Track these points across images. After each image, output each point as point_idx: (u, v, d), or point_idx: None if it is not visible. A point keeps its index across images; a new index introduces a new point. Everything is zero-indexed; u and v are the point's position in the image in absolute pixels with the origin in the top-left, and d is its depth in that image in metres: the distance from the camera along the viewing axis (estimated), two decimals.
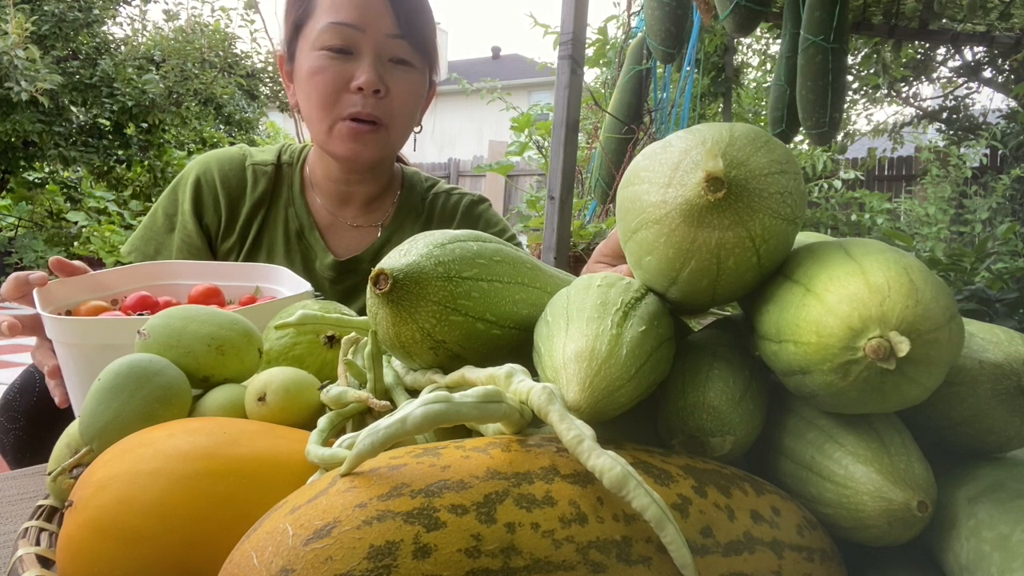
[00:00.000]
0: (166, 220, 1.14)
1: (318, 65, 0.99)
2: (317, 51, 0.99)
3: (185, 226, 1.12)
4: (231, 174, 1.13)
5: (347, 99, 1.00)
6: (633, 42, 2.83)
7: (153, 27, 7.89)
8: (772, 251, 0.42)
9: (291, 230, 1.13)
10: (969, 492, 0.40)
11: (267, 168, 1.15)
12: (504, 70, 18.60)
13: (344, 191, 1.14)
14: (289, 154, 1.18)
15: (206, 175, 1.13)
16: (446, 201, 1.23)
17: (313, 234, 1.13)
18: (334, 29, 0.98)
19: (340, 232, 1.15)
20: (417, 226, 1.19)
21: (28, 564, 0.41)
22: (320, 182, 1.15)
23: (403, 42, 1.00)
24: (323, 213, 1.15)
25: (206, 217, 1.12)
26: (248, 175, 1.14)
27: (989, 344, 0.42)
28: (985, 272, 2.36)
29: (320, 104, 1.01)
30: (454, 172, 10.47)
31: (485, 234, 0.51)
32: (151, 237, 1.14)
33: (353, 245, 1.15)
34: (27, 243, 7.10)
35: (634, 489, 0.32)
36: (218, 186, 1.12)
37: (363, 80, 0.98)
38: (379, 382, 0.50)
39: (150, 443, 0.41)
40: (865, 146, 7.15)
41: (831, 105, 2.01)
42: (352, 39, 0.98)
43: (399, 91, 1.02)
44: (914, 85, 5.67)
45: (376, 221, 1.17)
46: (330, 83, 0.99)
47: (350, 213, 1.16)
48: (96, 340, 0.67)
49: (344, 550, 0.29)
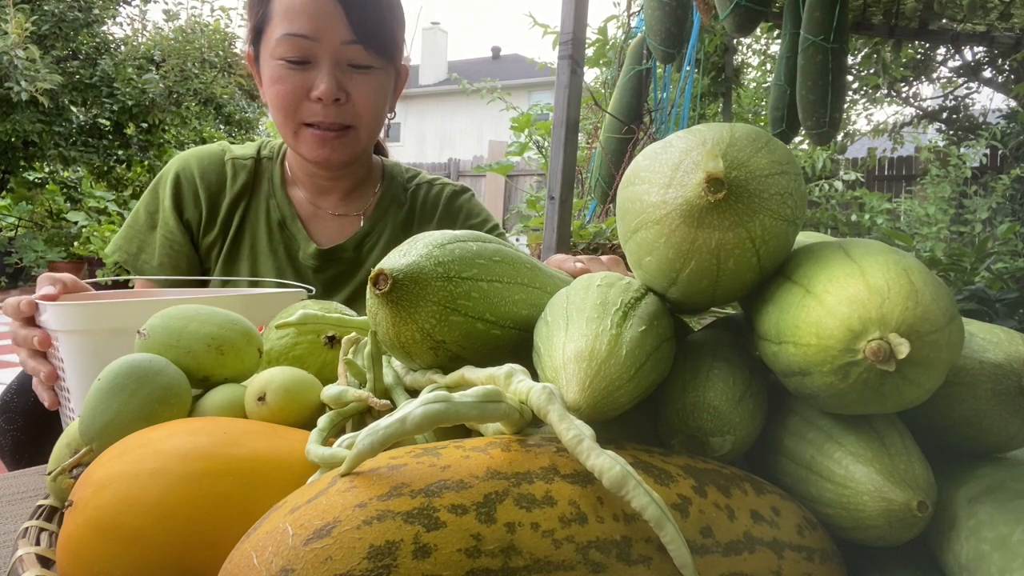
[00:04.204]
0: (148, 218, 1.14)
1: (277, 75, 1.00)
2: (275, 60, 0.99)
3: (167, 223, 1.13)
4: (210, 169, 1.14)
5: (308, 107, 1.00)
6: (633, 42, 2.83)
7: (153, 27, 7.88)
8: (772, 252, 0.42)
9: (273, 221, 1.14)
10: (969, 492, 0.40)
11: (246, 162, 1.16)
12: (504, 70, 18.60)
13: (323, 184, 1.16)
14: (269, 149, 1.19)
15: (185, 171, 1.14)
16: (428, 191, 1.23)
17: (295, 224, 1.14)
18: (289, 41, 0.97)
19: (322, 221, 1.16)
20: (400, 216, 1.20)
21: (28, 564, 0.41)
22: (299, 176, 1.16)
23: (359, 47, 0.99)
24: (304, 204, 1.16)
25: (187, 213, 1.13)
26: (227, 169, 1.15)
27: (989, 344, 0.42)
28: (985, 272, 2.36)
29: (282, 113, 1.01)
30: (454, 172, 10.47)
31: (485, 234, 0.51)
32: (133, 236, 1.14)
33: (336, 234, 1.16)
34: (27, 243, 7.10)
35: (633, 489, 0.32)
36: (197, 181, 1.13)
37: (321, 91, 0.98)
38: (379, 382, 0.50)
39: (150, 443, 0.41)
40: (865, 146, 7.15)
41: (831, 105, 2.01)
42: (307, 49, 0.98)
43: (361, 95, 1.02)
44: (914, 85, 5.67)
45: (358, 210, 1.18)
46: (289, 93, 0.99)
47: (331, 203, 1.17)
48: (107, 325, 0.68)
49: (344, 550, 0.29)
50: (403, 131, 20.47)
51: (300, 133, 1.03)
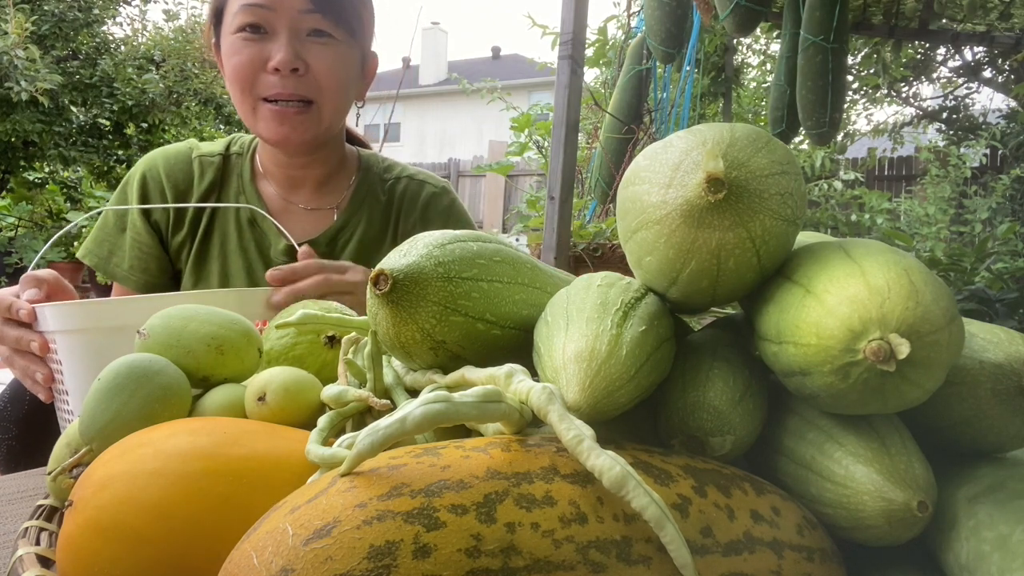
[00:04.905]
0: (117, 220, 1.13)
1: (235, 48, 0.98)
2: (233, 35, 0.98)
3: (135, 225, 1.11)
4: (177, 167, 1.12)
5: (265, 80, 0.98)
6: (633, 42, 2.83)
7: (153, 27, 7.87)
8: (772, 252, 0.42)
9: (243, 218, 1.12)
10: (969, 492, 0.40)
11: (214, 159, 1.14)
12: (504, 70, 18.60)
13: (294, 175, 1.13)
14: (239, 145, 1.17)
15: (151, 171, 1.12)
16: (407, 186, 1.20)
17: (266, 221, 1.11)
18: (245, 11, 0.96)
19: (294, 217, 1.13)
20: (377, 210, 1.16)
21: (28, 564, 0.41)
22: (269, 169, 1.14)
23: (317, 15, 0.98)
24: (275, 200, 1.13)
25: (154, 214, 1.11)
26: (195, 167, 1.13)
27: (989, 344, 0.42)
28: (985, 272, 2.36)
29: (239, 86, 0.99)
30: (454, 172, 10.47)
31: (485, 234, 0.51)
32: (103, 239, 1.13)
33: (309, 229, 1.13)
34: (27, 243, 7.10)
35: (634, 489, 0.32)
36: (163, 180, 1.11)
37: (278, 60, 0.96)
38: (379, 382, 0.50)
39: (150, 443, 0.41)
40: (865, 146, 7.15)
41: (831, 105, 2.01)
42: (264, 17, 0.97)
43: (321, 66, 0.99)
44: (914, 85, 5.67)
45: (331, 204, 1.15)
46: (247, 65, 0.98)
47: (302, 197, 1.14)
48: (107, 324, 0.69)
49: (344, 550, 0.29)
50: (403, 131, 20.47)
51: (258, 109, 1.00)
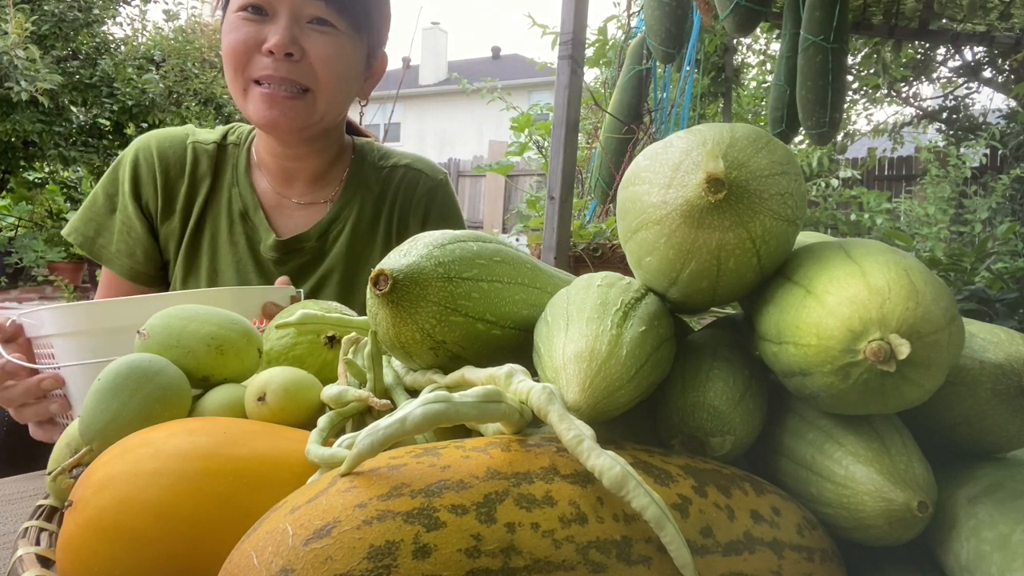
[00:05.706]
0: (107, 200, 1.10)
1: (233, 26, 0.96)
2: (234, 13, 0.97)
3: (125, 207, 1.08)
4: (170, 151, 1.09)
5: (258, 61, 0.96)
6: (633, 42, 2.83)
7: (153, 27, 7.87)
8: (772, 252, 0.42)
9: (235, 211, 1.09)
10: (969, 492, 0.40)
11: (208, 147, 1.11)
12: (504, 70, 18.60)
13: (289, 167, 1.10)
14: (236, 135, 1.14)
15: (144, 152, 1.09)
16: (404, 176, 1.16)
17: (258, 215, 1.08)
18: None
19: (286, 212, 1.10)
20: (369, 200, 1.13)
21: (28, 564, 0.41)
22: (265, 159, 1.11)
23: (320, 3, 0.95)
24: (269, 194, 1.10)
25: (144, 196, 1.09)
26: (188, 153, 1.10)
27: (990, 344, 0.42)
28: (985, 272, 2.36)
29: (232, 64, 0.97)
30: (454, 172, 10.47)
31: (485, 234, 0.51)
32: (91, 218, 1.10)
33: (300, 224, 1.10)
34: (27, 243, 7.09)
35: (634, 489, 0.32)
36: (156, 163, 1.08)
37: (273, 42, 0.94)
38: (379, 382, 0.50)
39: (150, 443, 0.41)
40: (865, 146, 7.15)
41: (831, 105, 2.01)
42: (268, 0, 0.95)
43: (319, 54, 0.96)
44: (914, 85, 5.67)
45: (324, 198, 1.12)
46: (241, 44, 0.95)
47: (296, 191, 1.11)
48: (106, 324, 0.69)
49: (344, 550, 0.29)
50: (403, 131, 20.47)
51: (249, 91, 0.98)
